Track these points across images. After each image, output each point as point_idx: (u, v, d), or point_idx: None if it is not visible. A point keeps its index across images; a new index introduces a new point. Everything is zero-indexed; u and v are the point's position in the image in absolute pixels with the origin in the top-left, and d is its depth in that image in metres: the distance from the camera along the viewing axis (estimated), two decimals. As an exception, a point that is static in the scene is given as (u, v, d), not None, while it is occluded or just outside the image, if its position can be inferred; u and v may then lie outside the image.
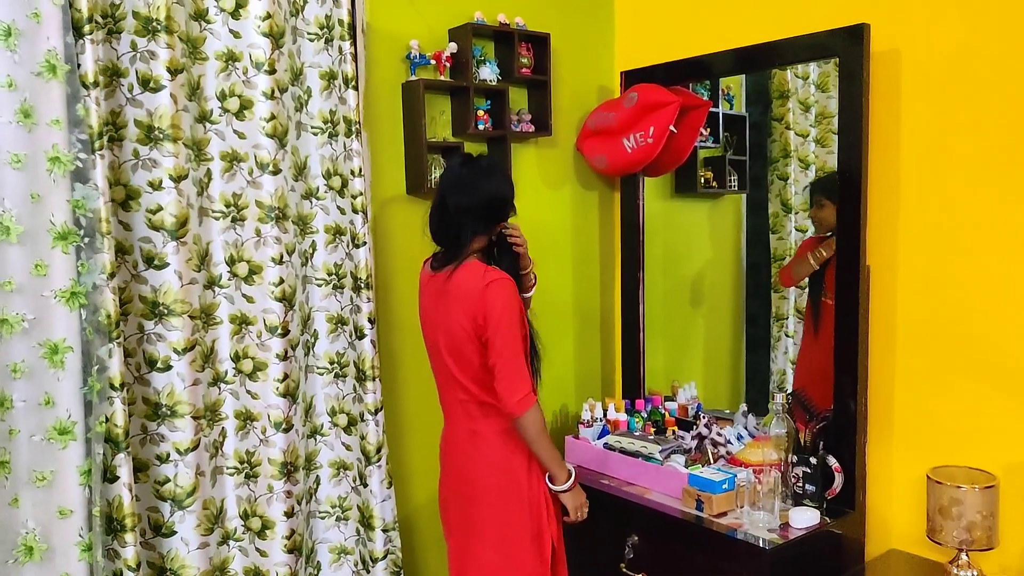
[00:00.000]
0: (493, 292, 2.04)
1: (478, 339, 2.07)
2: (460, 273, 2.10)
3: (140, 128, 1.97)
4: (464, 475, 2.20)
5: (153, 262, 2.00)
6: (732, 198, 2.98)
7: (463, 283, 2.08)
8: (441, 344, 2.15)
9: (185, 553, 2.07)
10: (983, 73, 2.14)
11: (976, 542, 1.97)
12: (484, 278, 2.06)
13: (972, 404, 2.20)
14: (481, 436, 2.16)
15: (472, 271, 2.09)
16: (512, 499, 2.15)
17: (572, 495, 2.18)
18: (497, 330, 2.03)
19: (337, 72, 2.29)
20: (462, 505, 2.21)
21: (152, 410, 2.03)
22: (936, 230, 2.25)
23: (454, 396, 2.19)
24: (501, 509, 2.16)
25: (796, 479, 2.33)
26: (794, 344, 2.76)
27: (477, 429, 2.17)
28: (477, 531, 2.18)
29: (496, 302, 2.03)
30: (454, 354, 2.12)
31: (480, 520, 2.18)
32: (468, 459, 2.19)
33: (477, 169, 2.16)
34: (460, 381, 2.14)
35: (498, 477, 2.15)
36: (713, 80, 2.85)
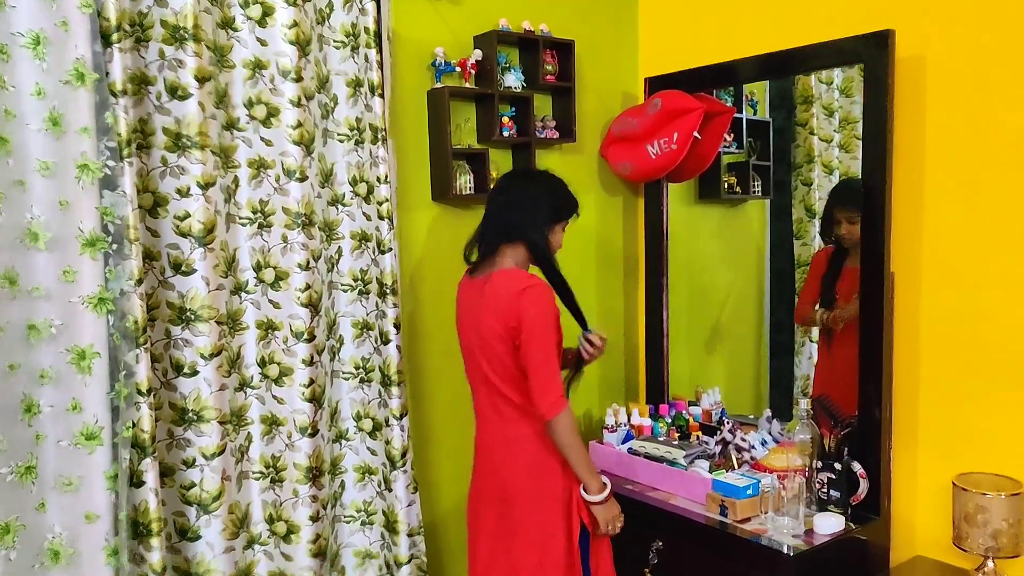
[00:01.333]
0: (528, 297, 2.06)
1: (510, 341, 2.09)
2: (497, 277, 2.13)
3: (168, 135, 1.98)
4: (499, 478, 2.21)
5: (181, 268, 2.01)
6: (756, 203, 2.96)
7: (499, 286, 2.11)
8: (475, 346, 2.18)
9: (211, 557, 2.08)
10: (1008, 79, 2.12)
11: (1002, 549, 1.97)
12: (520, 283, 2.08)
13: (998, 410, 2.18)
14: (515, 439, 2.17)
15: (509, 276, 2.12)
16: (547, 501, 2.15)
17: (605, 508, 2.15)
18: (532, 335, 2.05)
19: (363, 79, 2.30)
20: (496, 508, 2.22)
21: (178, 415, 2.04)
22: (960, 236, 2.24)
23: (488, 399, 2.20)
24: (536, 511, 2.16)
25: (821, 485, 2.32)
26: (818, 350, 2.74)
27: (511, 432, 2.18)
28: (512, 534, 2.18)
29: (531, 307, 2.05)
30: (487, 356, 2.14)
31: (515, 523, 2.18)
32: (502, 462, 2.20)
33: (517, 178, 2.27)
34: (494, 383, 2.16)
35: (533, 480, 2.16)
36: (737, 86, 2.84)
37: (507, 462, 2.19)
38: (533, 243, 2.17)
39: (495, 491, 2.22)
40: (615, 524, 2.18)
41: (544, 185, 2.23)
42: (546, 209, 2.19)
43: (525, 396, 2.11)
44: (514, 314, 2.06)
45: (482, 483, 2.27)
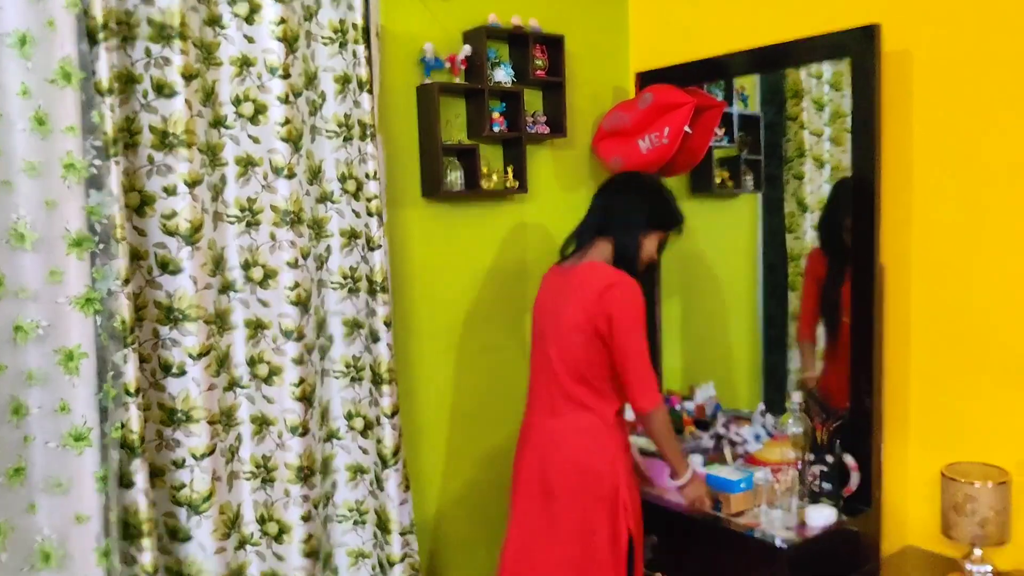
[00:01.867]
0: (618, 293, 2.10)
1: (589, 333, 2.12)
2: (583, 268, 2.20)
3: (155, 134, 1.97)
4: (543, 469, 2.21)
5: (168, 267, 2.00)
6: (748, 198, 2.96)
7: (585, 278, 2.16)
8: (548, 332, 2.21)
9: (202, 558, 2.07)
10: (993, 73, 2.13)
11: (989, 538, 1.99)
12: (608, 277, 2.14)
13: (986, 401, 2.20)
14: (566, 432, 2.19)
15: (596, 268, 2.18)
16: (591, 498, 2.16)
17: (692, 488, 2.25)
18: (626, 329, 2.09)
19: (351, 76, 2.29)
20: (538, 498, 2.22)
21: (167, 415, 2.03)
22: (949, 228, 2.25)
23: (545, 388, 2.22)
24: (579, 508, 2.16)
25: (813, 477, 2.33)
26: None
27: (563, 425, 2.19)
28: (552, 527, 2.19)
29: (623, 303, 2.10)
30: (558, 344, 2.17)
31: (556, 516, 2.18)
32: (549, 454, 2.21)
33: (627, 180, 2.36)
34: (556, 372, 2.18)
35: (580, 476, 2.16)
36: (727, 80, 2.84)
37: (555, 455, 2.20)
38: (621, 244, 2.22)
39: (537, 482, 2.22)
40: (701, 502, 2.26)
41: (649, 191, 2.31)
42: (645, 215, 2.26)
43: (583, 389, 2.15)
44: (601, 308, 2.10)
45: (525, 470, 2.27)
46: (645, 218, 2.26)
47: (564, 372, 2.17)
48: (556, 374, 2.18)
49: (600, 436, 2.16)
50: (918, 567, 2.24)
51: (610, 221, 2.25)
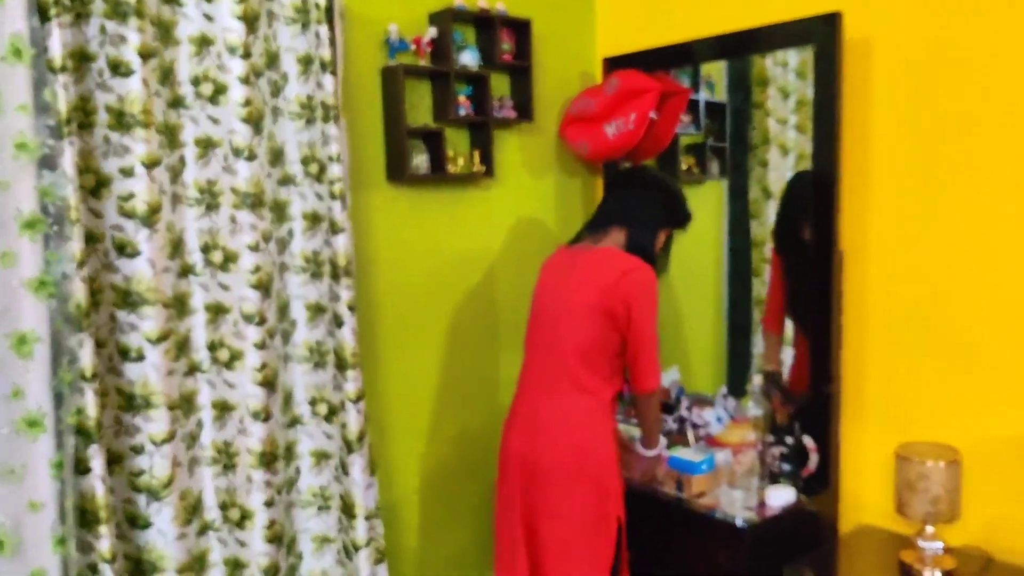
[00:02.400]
0: (637, 277, 2.16)
1: (603, 316, 2.16)
2: (600, 252, 2.24)
3: (111, 114, 1.93)
4: (535, 449, 2.22)
5: (125, 250, 1.96)
6: (713, 184, 2.97)
7: (604, 262, 2.21)
8: (554, 313, 2.22)
9: (162, 545, 2.05)
10: (953, 61, 2.16)
11: (941, 515, 2.03)
12: (627, 262, 2.19)
13: (939, 383, 2.25)
14: (565, 413, 2.20)
15: (615, 254, 2.24)
16: (588, 479, 2.17)
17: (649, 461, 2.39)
18: (645, 314, 2.16)
19: (314, 56, 2.25)
20: (532, 481, 2.22)
21: (126, 401, 2.00)
22: (907, 215, 2.28)
23: (546, 368, 2.24)
24: (577, 488, 2.17)
25: (773, 459, 2.36)
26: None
27: (563, 405, 2.20)
28: (549, 506, 2.20)
29: (641, 290, 2.16)
30: (568, 324, 2.19)
31: (553, 495, 2.19)
32: (546, 434, 2.21)
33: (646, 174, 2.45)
34: (562, 352, 2.20)
35: (577, 457, 2.18)
36: (694, 67, 2.84)
37: (554, 435, 2.20)
38: (637, 235, 2.29)
39: (532, 461, 2.22)
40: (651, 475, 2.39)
41: (667, 190, 2.39)
42: (663, 212, 2.34)
43: (588, 371, 2.18)
44: (618, 292, 2.14)
45: (515, 450, 2.27)
46: (663, 215, 2.35)
47: (571, 352, 2.19)
48: (562, 354, 2.19)
49: (599, 419, 2.19)
50: (873, 545, 2.28)
51: (628, 213, 2.31)
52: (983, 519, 2.19)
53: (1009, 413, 2.13)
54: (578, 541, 2.17)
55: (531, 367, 2.29)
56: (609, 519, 2.18)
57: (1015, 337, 2.10)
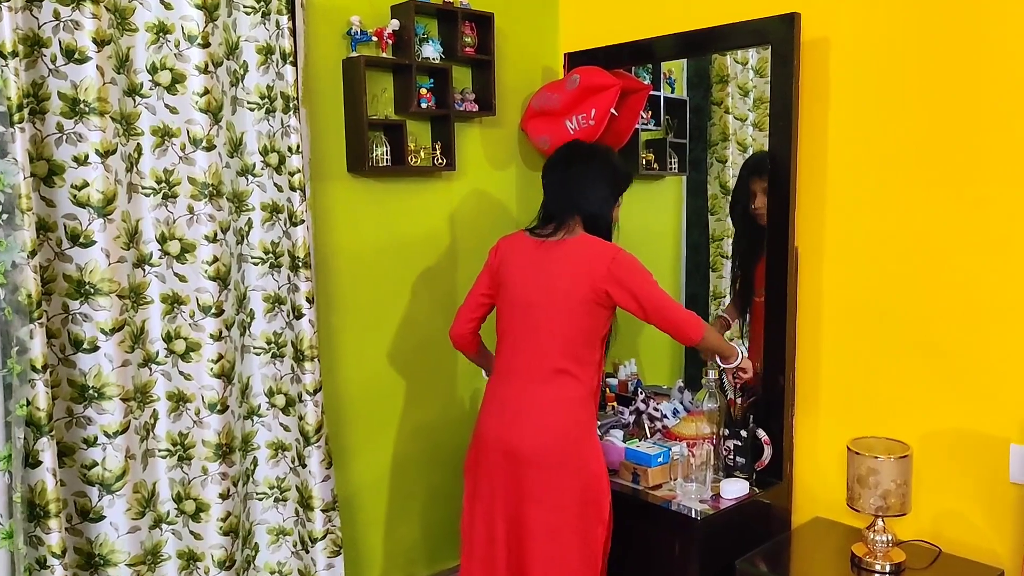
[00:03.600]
0: (622, 263, 2.16)
1: (595, 304, 2.16)
2: (579, 242, 2.21)
3: (64, 101, 1.90)
4: (519, 437, 2.19)
5: (79, 240, 1.93)
6: (672, 180, 3.01)
7: (584, 252, 2.19)
8: (538, 303, 2.20)
9: (115, 538, 2.03)
10: (908, 62, 2.20)
11: (891, 508, 2.06)
12: (607, 250, 2.18)
13: (892, 378, 2.29)
14: (551, 401, 2.19)
15: (593, 243, 2.21)
16: (570, 469, 2.16)
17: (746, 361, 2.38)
18: (644, 290, 2.15)
19: (274, 47, 2.23)
20: (516, 469, 2.20)
21: (78, 392, 1.97)
22: (861, 212, 2.32)
23: (527, 357, 2.22)
24: (557, 476, 2.16)
25: (727, 452, 2.40)
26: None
27: (549, 393, 2.19)
28: (537, 496, 2.17)
29: (631, 270, 2.16)
30: (551, 314, 2.18)
31: (539, 483, 2.17)
32: (528, 422, 2.19)
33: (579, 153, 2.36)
34: (546, 342, 2.19)
35: (564, 444, 2.17)
36: (655, 64, 2.87)
37: (535, 423, 2.18)
38: (593, 218, 2.26)
39: (514, 451, 2.19)
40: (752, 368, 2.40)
41: (604, 160, 2.34)
42: (610, 185, 2.31)
43: (571, 361, 2.17)
44: (608, 280, 2.14)
45: (496, 439, 2.24)
46: (611, 189, 2.32)
47: (556, 341, 2.17)
48: (545, 343, 2.18)
49: (583, 406, 2.19)
50: (825, 537, 2.33)
51: (577, 198, 2.27)
52: (933, 513, 2.23)
53: (960, 408, 2.17)
54: (568, 528, 2.16)
55: (510, 355, 2.27)
56: (600, 504, 2.19)
57: (967, 333, 2.15)
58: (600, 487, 2.19)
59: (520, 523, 2.20)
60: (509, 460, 2.21)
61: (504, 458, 2.22)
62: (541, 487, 2.16)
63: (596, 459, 2.20)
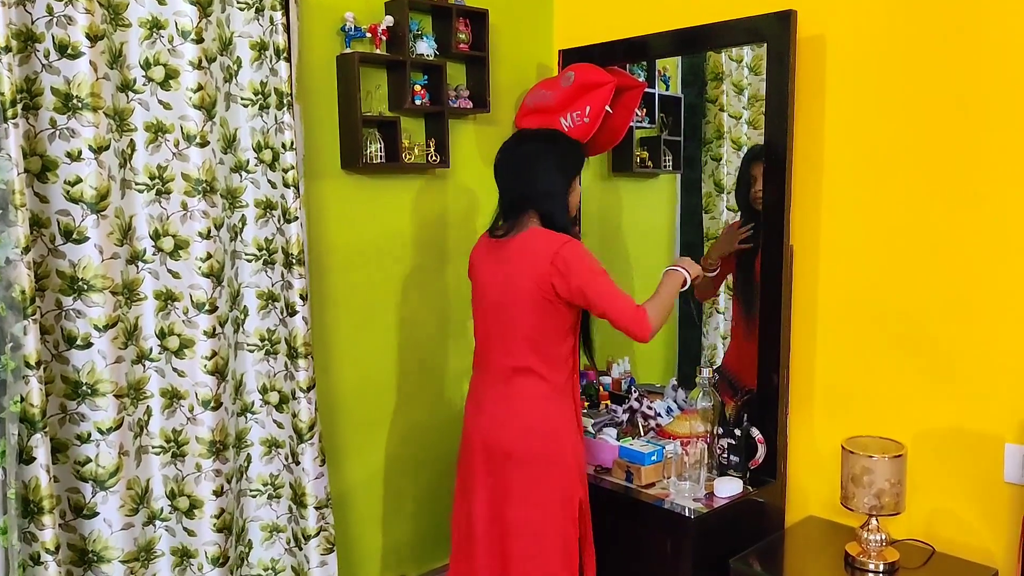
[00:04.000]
0: (566, 252, 2.10)
1: (543, 300, 2.12)
2: (524, 237, 2.17)
3: (57, 96, 1.89)
4: (496, 435, 2.21)
5: (72, 236, 1.93)
6: (667, 178, 3.01)
7: (529, 246, 2.15)
8: (501, 303, 2.19)
9: (108, 535, 2.02)
10: (904, 60, 2.20)
11: (885, 507, 2.07)
12: (552, 242, 2.12)
13: (885, 377, 2.30)
14: (516, 399, 2.19)
15: (538, 235, 2.16)
16: (546, 462, 2.16)
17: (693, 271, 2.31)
18: (585, 279, 2.09)
19: (268, 43, 2.23)
20: (486, 465, 2.22)
21: (72, 389, 1.97)
22: (857, 210, 2.32)
23: (496, 358, 2.22)
24: (533, 472, 2.16)
25: (721, 450, 2.40)
26: (725, 320, 2.81)
27: (513, 392, 2.19)
28: (508, 492, 2.19)
29: (574, 261, 2.10)
30: (508, 313, 2.17)
31: (510, 482, 2.18)
32: (503, 420, 2.20)
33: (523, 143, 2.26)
34: (507, 342, 2.18)
35: (532, 440, 2.17)
36: (650, 61, 2.87)
37: (509, 420, 2.19)
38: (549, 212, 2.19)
39: (488, 448, 2.22)
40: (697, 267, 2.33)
41: (553, 140, 2.26)
42: (560, 173, 2.22)
43: (535, 358, 2.16)
44: (553, 273, 2.09)
45: (475, 438, 2.26)
46: (560, 171, 2.22)
47: (519, 339, 2.17)
48: (510, 341, 2.18)
49: (554, 402, 2.18)
50: (819, 536, 2.34)
51: (526, 187, 2.19)
52: (927, 512, 2.24)
53: (954, 407, 2.18)
54: (548, 525, 2.17)
55: (482, 355, 2.29)
56: (571, 500, 2.19)
57: (962, 331, 2.15)
58: (568, 484, 2.19)
59: (498, 520, 2.22)
60: (486, 457, 2.23)
61: (482, 456, 2.24)
62: (515, 484, 2.18)
63: (571, 455, 2.19)
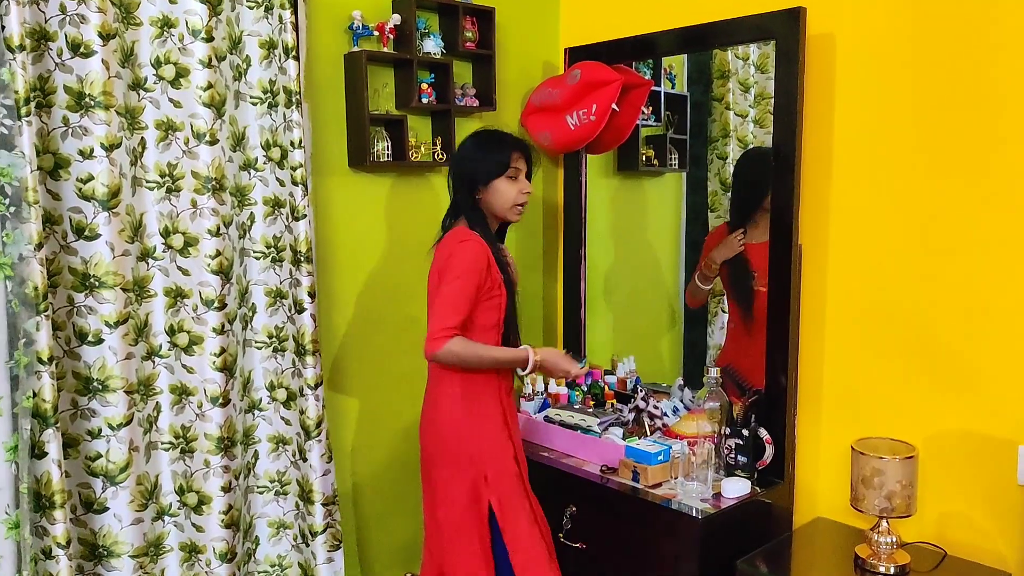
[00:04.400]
0: (458, 250, 2.12)
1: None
2: (441, 242, 2.22)
3: (70, 94, 1.90)
4: (421, 438, 2.29)
5: (84, 233, 1.94)
6: (672, 176, 3.01)
7: (441, 244, 2.20)
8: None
9: (118, 529, 2.04)
10: (916, 58, 2.19)
11: (896, 510, 2.05)
12: (450, 244, 2.15)
13: (895, 379, 2.28)
14: (433, 401, 2.25)
15: (445, 239, 2.20)
16: (452, 464, 2.20)
17: (542, 363, 2.21)
18: (447, 279, 2.10)
19: (277, 41, 2.24)
20: (423, 467, 2.30)
21: (83, 384, 1.98)
22: (866, 210, 2.31)
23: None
24: (441, 474, 2.21)
25: (729, 451, 2.39)
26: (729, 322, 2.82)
27: (433, 393, 2.26)
28: (433, 492, 2.25)
29: (453, 258, 2.11)
30: (429, 311, 2.18)
31: (431, 481, 2.25)
32: (423, 424, 2.28)
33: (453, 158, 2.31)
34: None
35: (442, 442, 2.21)
36: (656, 59, 2.87)
37: (426, 421, 2.27)
38: (471, 219, 2.22)
39: (421, 449, 2.30)
40: (563, 368, 2.25)
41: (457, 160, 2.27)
42: (454, 175, 2.26)
43: None
44: (443, 270, 2.12)
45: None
46: (459, 183, 2.24)
47: None
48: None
49: (463, 401, 2.19)
50: (828, 537, 2.33)
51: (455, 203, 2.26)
52: (938, 515, 2.22)
53: (966, 411, 2.16)
54: (464, 525, 2.19)
55: None
56: (479, 504, 2.19)
57: (974, 333, 2.13)
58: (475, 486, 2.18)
59: (431, 519, 2.28)
60: (421, 458, 2.31)
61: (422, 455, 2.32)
62: (437, 484, 2.23)
63: (471, 458, 2.18)
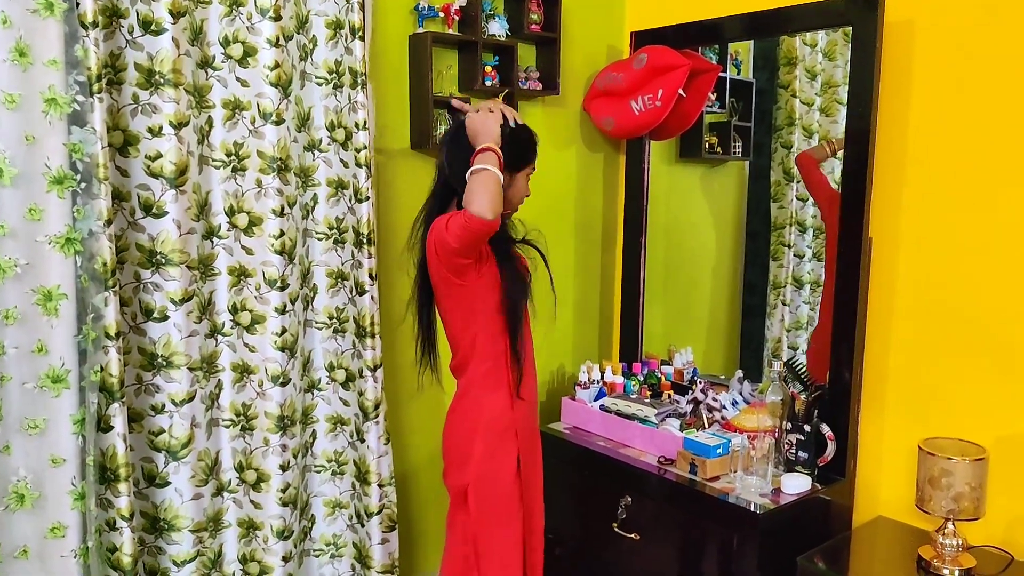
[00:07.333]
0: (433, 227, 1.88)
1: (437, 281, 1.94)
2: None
3: (140, 72, 1.91)
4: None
5: (151, 210, 1.96)
6: (735, 164, 2.95)
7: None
8: None
9: (179, 504, 2.07)
10: (995, 48, 2.11)
11: (963, 512, 2.01)
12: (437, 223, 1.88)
13: (965, 377, 2.22)
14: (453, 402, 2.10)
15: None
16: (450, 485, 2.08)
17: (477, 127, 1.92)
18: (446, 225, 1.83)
19: (344, 21, 2.23)
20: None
21: (148, 360, 2.01)
22: (939, 205, 2.24)
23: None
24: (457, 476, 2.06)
25: (789, 446, 2.35)
26: (790, 312, 2.75)
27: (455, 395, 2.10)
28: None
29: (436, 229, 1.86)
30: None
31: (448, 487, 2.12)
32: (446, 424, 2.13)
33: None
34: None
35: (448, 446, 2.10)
36: (722, 44, 2.80)
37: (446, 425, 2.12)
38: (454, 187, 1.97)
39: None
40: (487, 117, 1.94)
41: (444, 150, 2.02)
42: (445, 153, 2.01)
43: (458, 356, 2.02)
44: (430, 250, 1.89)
45: None
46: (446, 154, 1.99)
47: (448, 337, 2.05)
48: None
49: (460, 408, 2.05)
50: (889, 537, 2.28)
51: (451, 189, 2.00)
52: (1006, 518, 2.16)
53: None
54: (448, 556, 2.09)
55: None
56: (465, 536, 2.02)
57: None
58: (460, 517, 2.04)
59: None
60: None
61: None
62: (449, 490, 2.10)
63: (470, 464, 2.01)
